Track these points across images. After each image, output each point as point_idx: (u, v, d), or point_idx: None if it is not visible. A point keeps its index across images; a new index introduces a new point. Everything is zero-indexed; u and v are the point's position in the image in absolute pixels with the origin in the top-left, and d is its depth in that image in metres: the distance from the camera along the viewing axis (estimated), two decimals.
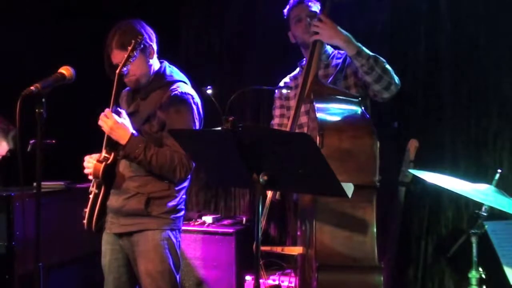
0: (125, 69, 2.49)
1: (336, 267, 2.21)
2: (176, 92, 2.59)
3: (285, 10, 2.95)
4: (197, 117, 2.62)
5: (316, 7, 2.84)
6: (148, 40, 2.60)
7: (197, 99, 2.65)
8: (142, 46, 2.51)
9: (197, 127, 2.62)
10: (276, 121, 3.11)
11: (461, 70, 3.45)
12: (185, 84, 2.67)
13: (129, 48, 2.46)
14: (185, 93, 2.60)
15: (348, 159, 2.26)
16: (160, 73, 2.66)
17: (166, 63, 2.72)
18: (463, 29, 3.44)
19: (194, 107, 2.61)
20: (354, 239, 2.25)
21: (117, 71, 2.48)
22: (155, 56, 2.67)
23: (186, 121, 2.57)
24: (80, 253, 3.54)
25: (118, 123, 2.47)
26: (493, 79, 3.35)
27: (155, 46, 2.65)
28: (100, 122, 2.49)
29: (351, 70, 2.80)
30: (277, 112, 3.12)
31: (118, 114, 2.51)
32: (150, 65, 2.64)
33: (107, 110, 2.47)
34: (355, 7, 3.62)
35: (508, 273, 2.56)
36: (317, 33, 2.62)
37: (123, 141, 2.48)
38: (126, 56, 2.46)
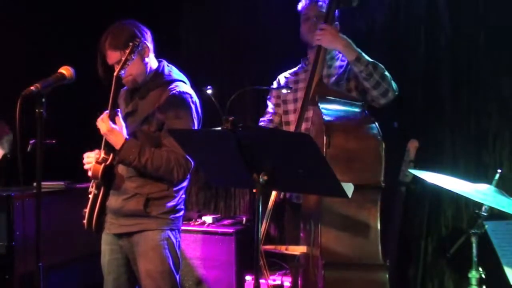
0: (122, 72, 2.49)
1: (342, 265, 2.24)
2: (174, 91, 2.59)
3: (299, 6, 2.99)
4: (195, 116, 2.62)
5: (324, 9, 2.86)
6: (142, 39, 2.59)
7: (195, 98, 2.65)
8: (140, 48, 2.51)
9: (196, 127, 2.62)
10: (270, 107, 3.17)
11: (461, 70, 3.44)
12: (183, 84, 2.67)
13: (127, 51, 2.46)
14: (183, 92, 2.60)
15: (354, 160, 2.30)
16: (159, 72, 2.66)
17: (164, 62, 2.72)
18: (463, 29, 3.44)
19: (193, 106, 2.61)
20: (359, 239, 2.28)
21: (115, 74, 2.48)
22: (152, 54, 2.66)
23: (185, 121, 2.56)
24: (80, 253, 3.54)
25: (111, 129, 2.47)
26: (493, 79, 3.35)
27: (150, 45, 2.64)
28: (97, 124, 2.50)
29: (353, 74, 2.83)
30: (272, 100, 3.18)
31: (114, 118, 2.51)
32: (146, 63, 2.63)
33: (104, 115, 2.48)
34: (355, 7, 3.62)
35: (508, 273, 2.56)
36: (319, 39, 2.68)
37: (117, 146, 2.49)
38: (123, 59, 2.46)
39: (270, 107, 3.17)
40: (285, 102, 3.07)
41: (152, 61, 2.66)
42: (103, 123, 2.47)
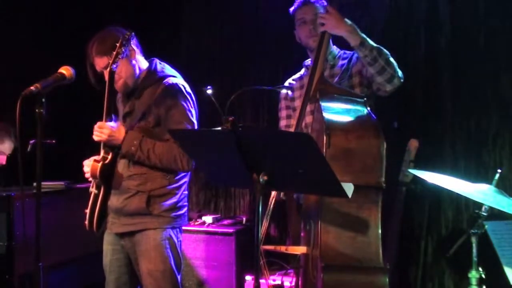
0: (114, 65, 2.49)
1: (342, 268, 2.21)
2: (167, 84, 2.60)
3: (291, 8, 2.93)
4: (192, 106, 2.63)
5: (322, 9, 2.80)
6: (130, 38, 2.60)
7: (189, 89, 2.67)
8: (132, 41, 2.53)
9: (194, 117, 2.63)
10: (283, 123, 3.11)
11: (461, 70, 3.44)
12: (176, 78, 2.68)
13: (117, 45, 2.47)
14: (176, 84, 2.62)
15: (354, 160, 2.26)
16: (151, 70, 2.67)
17: (157, 60, 2.73)
18: (463, 29, 3.44)
19: (188, 96, 2.63)
20: (359, 239, 2.24)
21: (108, 69, 2.48)
22: (139, 56, 2.68)
23: (181, 111, 2.58)
24: (80, 253, 3.53)
25: (113, 129, 2.50)
26: (493, 79, 3.35)
27: (134, 46, 2.64)
28: (95, 135, 2.51)
29: (356, 69, 2.80)
30: (283, 113, 3.12)
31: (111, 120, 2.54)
32: (134, 65, 2.64)
33: (99, 123, 2.50)
34: (355, 7, 3.63)
35: (508, 273, 2.56)
36: (323, 24, 2.61)
37: (119, 141, 2.51)
38: (115, 52, 2.47)
39: (283, 123, 3.12)
40: (295, 109, 3.02)
41: (140, 62, 2.68)
42: (103, 129, 2.49)
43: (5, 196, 3.11)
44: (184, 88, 2.64)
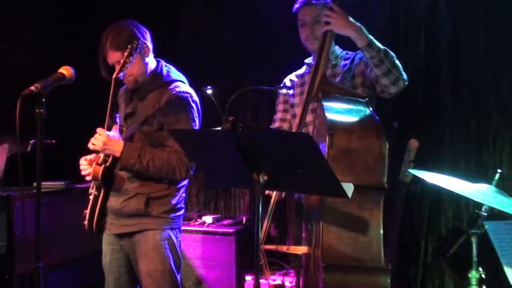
0: (121, 74, 2.49)
1: (343, 268, 2.21)
2: (174, 91, 2.59)
3: (294, 7, 2.89)
4: (196, 115, 2.63)
5: (324, 9, 2.72)
6: (142, 40, 2.59)
7: (195, 97, 2.66)
8: (138, 50, 2.51)
9: (197, 126, 2.62)
10: (278, 115, 3.11)
11: (461, 70, 3.44)
12: (183, 83, 2.68)
13: (125, 53, 2.46)
14: (183, 92, 2.61)
15: (356, 160, 2.26)
16: (157, 73, 2.66)
17: (163, 62, 2.72)
18: (463, 29, 3.44)
19: (194, 105, 2.62)
20: (360, 240, 2.24)
21: (114, 76, 2.48)
22: (151, 54, 2.67)
23: (186, 120, 2.57)
24: (80, 253, 3.54)
25: (110, 137, 2.48)
26: (493, 79, 3.35)
27: (149, 44, 2.64)
28: (91, 142, 2.49)
29: (358, 70, 2.78)
30: (280, 107, 3.11)
31: (111, 126, 2.52)
32: (146, 63, 2.64)
33: (99, 129, 2.48)
34: (355, 7, 3.62)
35: (508, 273, 2.56)
36: (328, 23, 2.54)
37: (117, 153, 2.49)
38: (122, 61, 2.47)
39: (278, 116, 3.12)
40: (293, 106, 3.02)
41: (151, 62, 2.67)
42: (99, 136, 2.47)
43: (5, 196, 3.11)
44: (191, 96, 2.62)
